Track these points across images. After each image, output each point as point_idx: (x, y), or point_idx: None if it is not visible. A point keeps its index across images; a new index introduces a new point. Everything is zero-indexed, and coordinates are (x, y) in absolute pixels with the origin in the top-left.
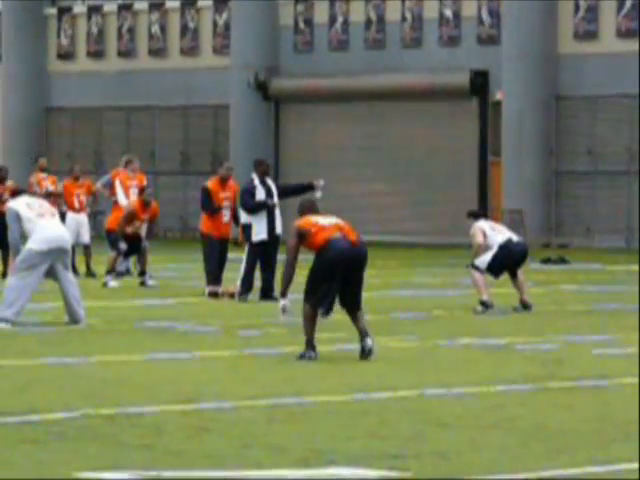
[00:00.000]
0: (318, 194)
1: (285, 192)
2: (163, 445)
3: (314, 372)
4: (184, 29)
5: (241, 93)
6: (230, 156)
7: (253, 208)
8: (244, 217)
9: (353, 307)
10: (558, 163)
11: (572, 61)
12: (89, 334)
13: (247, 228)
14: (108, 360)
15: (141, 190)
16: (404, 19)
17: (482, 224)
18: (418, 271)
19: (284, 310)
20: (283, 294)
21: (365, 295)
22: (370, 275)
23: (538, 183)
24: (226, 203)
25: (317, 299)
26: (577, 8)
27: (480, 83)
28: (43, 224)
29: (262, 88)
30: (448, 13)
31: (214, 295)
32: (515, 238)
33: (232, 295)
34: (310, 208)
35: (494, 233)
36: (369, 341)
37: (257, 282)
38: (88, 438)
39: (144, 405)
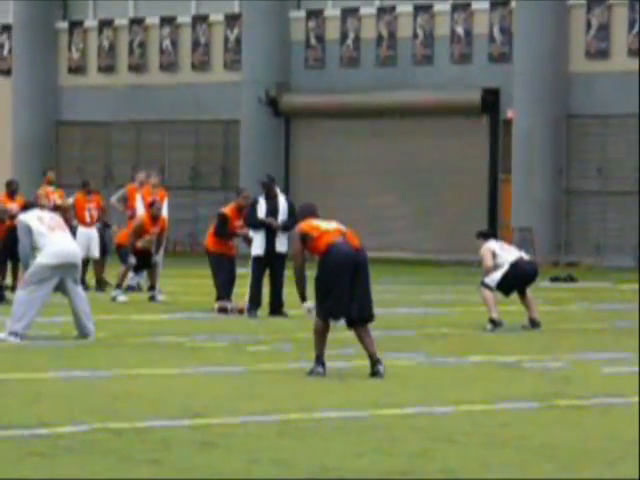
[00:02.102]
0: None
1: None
2: (171, 460)
3: (322, 388)
4: (195, 44)
5: (252, 108)
6: (240, 171)
7: (252, 224)
8: (250, 232)
9: (361, 320)
10: (568, 182)
11: (583, 80)
12: (98, 348)
13: (251, 242)
14: (117, 374)
15: (150, 204)
16: (415, 36)
17: (492, 244)
18: (427, 288)
19: (309, 311)
20: (303, 298)
21: (374, 312)
22: (379, 291)
23: (548, 201)
24: (240, 231)
25: (327, 310)
26: (589, 26)
27: (491, 101)
28: (54, 238)
29: (273, 104)
30: (460, 30)
31: (223, 311)
32: (525, 257)
33: (241, 311)
34: (311, 212)
35: (504, 252)
36: (381, 368)
37: (266, 298)
38: (96, 452)
39: (152, 420)
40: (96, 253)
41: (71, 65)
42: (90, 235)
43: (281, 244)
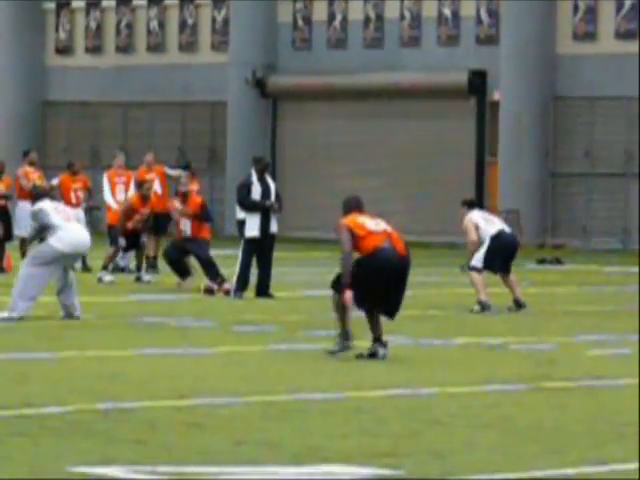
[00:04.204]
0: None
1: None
2: (157, 441)
3: (309, 369)
4: (182, 25)
5: (239, 90)
6: (227, 153)
7: (248, 207)
8: (239, 213)
9: (390, 314)
10: (555, 164)
11: (570, 62)
12: (84, 329)
13: (241, 224)
14: (102, 355)
15: (139, 184)
16: (403, 17)
17: (475, 215)
18: (414, 270)
19: (349, 300)
20: (345, 285)
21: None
22: None
23: (535, 184)
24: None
25: (359, 300)
26: (576, 9)
27: (478, 83)
28: (70, 227)
29: (260, 85)
30: (447, 12)
31: (210, 291)
32: (507, 229)
33: (228, 292)
34: (356, 205)
35: (486, 225)
36: (381, 352)
37: (253, 278)
38: (82, 433)
39: (138, 400)
40: None
41: (58, 45)
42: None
43: (273, 225)
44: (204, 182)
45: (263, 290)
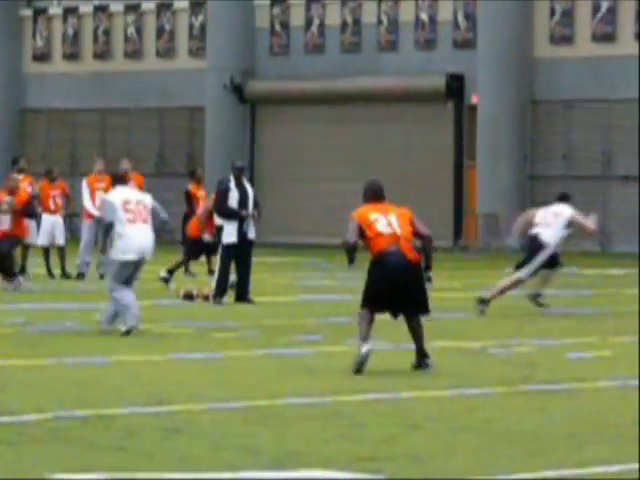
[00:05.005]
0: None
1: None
2: (136, 447)
3: (288, 374)
4: (160, 31)
5: (217, 95)
6: (205, 158)
7: (225, 215)
8: (218, 219)
9: (411, 313)
10: (533, 167)
11: (548, 65)
12: (63, 336)
13: (220, 230)
14: (82, 362)
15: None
16: (380, 22)
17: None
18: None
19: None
20: (350, 260)
21: (340, 298)
22: (345, 277)
23: (513, 187)
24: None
25: (369, 302)
26: (553, 12)
27: (456, 87)
28: (131, 231)
29: (238, 90)
30: (424, 16)
31: (189, 297)
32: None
33: (207, 297)
34: (374, 195)
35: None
36: (429, 362)
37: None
38: (61, 440)
39: (117, 407)
40: (61, 241)
41: (36, 53)
42: (54, 223)
43: (251, 231)
44: (183, 188)
45: (243, 295)
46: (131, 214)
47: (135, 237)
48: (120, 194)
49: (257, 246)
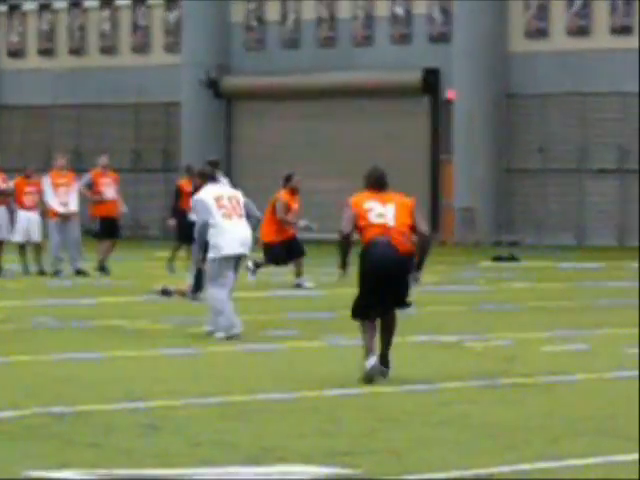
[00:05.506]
0: None
1: None
2: (113, 444)
3: (265, 370)
4: (135, 27)
5: (192, 91)
6: (182, 153)
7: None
8: (192, 214)
9: (387, 305)
10: (509, 161)
11: (523, 59)
12: (40, 332)
13: (194, 225)
14: (59, 358)
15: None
16: (355, 17)
17: None
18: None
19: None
20: (343, 265)
21: (315, 294)
22: (319, 273)
23: (489, 181)
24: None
25: (361, 311)
26: (528, 6)
27: (431, 81)
28: (227, 226)
29: (213, 86)
30: (399, 11)
31: (166, 293)
32: None
33: (183, 294)
34: (372, 183)
35: None
36: (387, 371)
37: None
38: (38, 437)
39: (94, 403)
40: (36, 237)
41: (10, 49)
42: (30, 219)
43: None
44: (158, 185)
45: None
46: (225, 209)
47: (233, 231)
48: (211, 191)
49: None
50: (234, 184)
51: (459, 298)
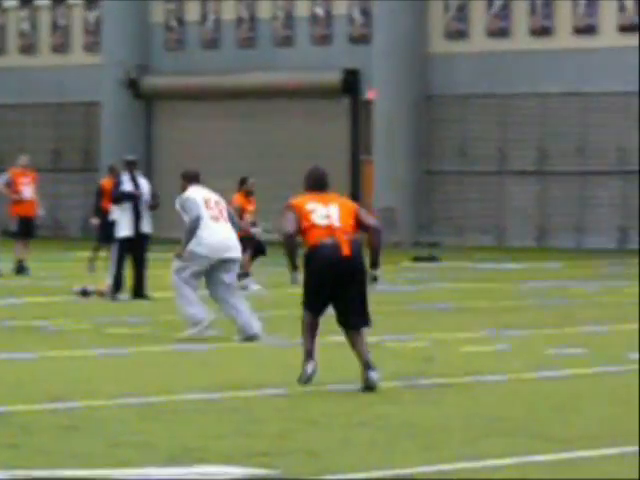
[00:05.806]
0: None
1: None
2: (31, 444)
3: (184, 370)
4: (54, 26)
5: (112, 91)
6: (101, 153)
7: (117, 197)
8: (113, 214)
9: (348, 326)
10: (429, 162)
11: (443, 60)
12: None
13: (114, 225)
14: None
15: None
16: (275, 17)
17: None
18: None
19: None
20: (293, 267)
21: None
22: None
23: (410, 182)
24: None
25: (313, 308)
26: (447, 7)
27: (351, 82)
28: (216, 227)
29: (133, 86)
30: (319, 11)
31: (85, 293)
32: None
33: (102, 294)
34: (313, 184)
35: None
36: (374, 375)
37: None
38: None
39: (12, 404)
40: None
41: None
42: None
43: (146, 225)
44: (78, 185)
45: (139, 291)
46: (212, 212)
47: (220, 232)
48: (199, 192)
49: (154, 242)
50: (154, 184)
51: (379, 298)
